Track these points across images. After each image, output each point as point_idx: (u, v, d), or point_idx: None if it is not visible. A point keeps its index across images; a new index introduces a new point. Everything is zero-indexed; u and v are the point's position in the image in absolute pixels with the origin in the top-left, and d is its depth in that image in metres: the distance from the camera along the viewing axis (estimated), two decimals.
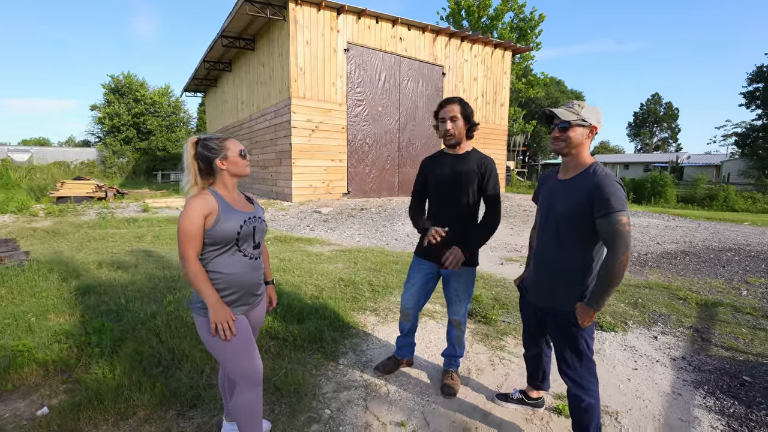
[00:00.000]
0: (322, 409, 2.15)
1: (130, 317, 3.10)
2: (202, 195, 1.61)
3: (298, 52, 10.21)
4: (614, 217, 1.52)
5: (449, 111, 2.19)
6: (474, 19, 23.91)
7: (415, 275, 2.41)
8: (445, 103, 2.23)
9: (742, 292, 4.31)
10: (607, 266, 1.55)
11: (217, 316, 1.56)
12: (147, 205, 9.31)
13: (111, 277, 4.12)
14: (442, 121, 2.23)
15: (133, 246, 5.73)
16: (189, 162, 1.63)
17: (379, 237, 6.94)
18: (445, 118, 2.20)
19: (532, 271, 1.90)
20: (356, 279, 4.29)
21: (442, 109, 2.23)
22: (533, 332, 2.02)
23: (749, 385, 2.49)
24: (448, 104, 2.21)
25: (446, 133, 2.22)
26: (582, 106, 1.67)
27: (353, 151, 11.61)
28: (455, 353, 2.44)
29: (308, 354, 2.72)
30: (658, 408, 2.25)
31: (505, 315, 3.53)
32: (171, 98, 30.24)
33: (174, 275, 4.21)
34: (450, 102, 2.21)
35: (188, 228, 1.55)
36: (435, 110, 2.30)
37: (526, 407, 2.20)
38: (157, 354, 2.59)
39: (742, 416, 2.19)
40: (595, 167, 1.64)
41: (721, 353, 2.91)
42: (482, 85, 14.58)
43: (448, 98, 2.25)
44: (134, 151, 26.64)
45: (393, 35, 11.99)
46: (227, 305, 1.64)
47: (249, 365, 1.65)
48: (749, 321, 3.50)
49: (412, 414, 2.14)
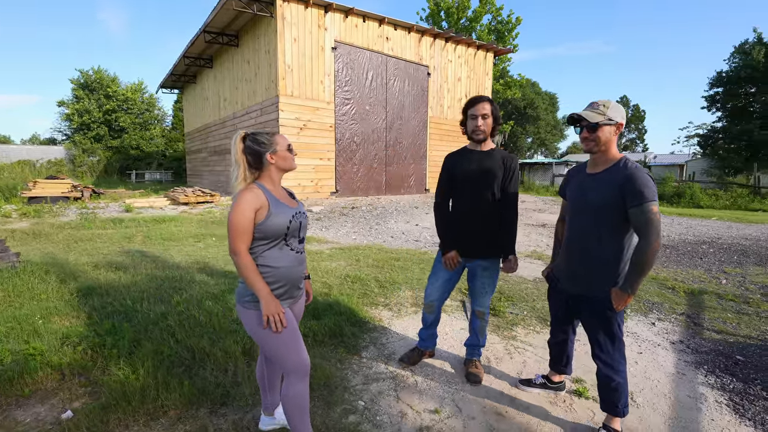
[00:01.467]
0: (355, 401, 2.19)
1: (141, 318, 3.03)
2: (252, 189, 1.62)
3: (285, 49, 10.10)
4: (647, 206, 1.64)
5: (481, 108, 2.28)
6: (453, 20, 24.25)
7: (440, 268, 2.47)
8: (477, 101, 2.31)
9: (722, 281, 4.63)
10: (640, 253, 1.67)
11: (269, 309, 1.58)
12: (129, 205, 8.98)
13: (110, 278, 3.99)
14: (472, 117, 2.30)
15: (124, 247, 5.54)
16: (238, 156, 1.63)
17: (374, 235, 6.98)
18: (476, 115, 2.28)
19: (564, 261, 2.00)
20: (362, 276, 4.33)
21: (474, 106, 2.30)
22: (562, 319, 2.14)
23: (743, 364, 2.71)
24: (480, 102, 2.30)
25: (476, 129, 2.29)
26: (607, 106, 1.78)
27: (341, 149, 11.59)
28: (478, 343, 2.53)
29: (330, 349, 2.75)
30: (667, 387, 2.42)
31: (512, 307, 3.66)
32: (144, 95, 29.11)
33: (176, 275, 4.12)
34: (482, 100, 2.30)
35: (240, 222, 1.56)
36: (464, 107, 2.38)
37: (549, 391, 2.32)
38: (177, 354, 2.56)
39: (741, 391, 2.38)
40: (626, 161, 1.76)
41: (714, 336, 3.13)
42: (466, 85, 14.85)
43: (478, 96, 2.33)
44: (106, 149, 25.49)
45: (380, 34, 12.04)
46: (277, 298, 1.66)
47: (298, 357, 1.68)
48: (733, 306, 3.78)
49: (443, 402, 2.22)
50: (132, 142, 26.51)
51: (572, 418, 2.11)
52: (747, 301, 3.92)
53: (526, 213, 10.18)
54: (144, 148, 26.96)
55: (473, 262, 2.40)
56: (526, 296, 3.95)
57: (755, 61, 23.78)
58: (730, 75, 25.76)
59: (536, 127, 47.99)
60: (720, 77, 26.39)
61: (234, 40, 12.25)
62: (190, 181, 19.27)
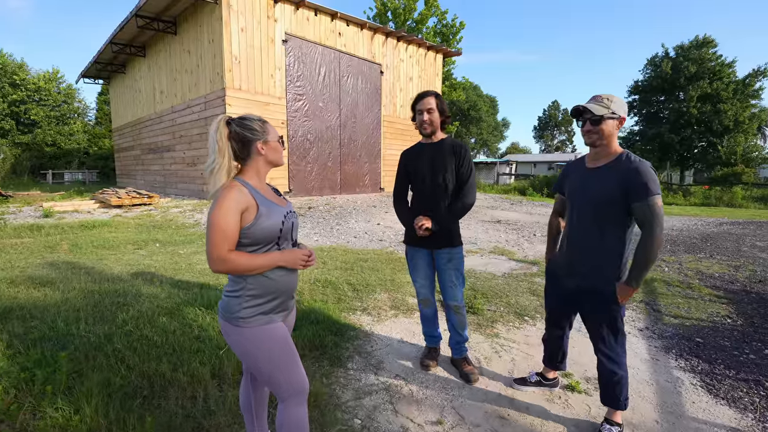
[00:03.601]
0: (350, 420, 1.99)
1: (78, 343, 2.55)
2: (237, 187, 1.36)
3: (232, 39, 9.42)
4: (652, 200, 1.64)
5: (426, 103, 2.35)
6: (400, 21, 24.49)
7: (418, 262, 2.49)
8: (422, 96, 2.37)
9: (665, 269, 5.06)
10: (645, 246, 1.67)
11: (293, 262, 1.42)
12: (49, 209, 7.80)
13: (32, 296, 3.35)
14: (419, 113, 2.37)
15: (46, 258, 4.74)
16: (222, 143, 1.36)
17: (337, 236, 6.73)
18: (422, 110, 2.35)
19: (564, 256, 1.97)
20: (332, 279, 4.09)
21: (420, 101, 2.38)
22: (559, 316, 2.11)
23: (703, 346, 2.92)
24: (425, 97, 2.36)
25: (423, 123, 2.36)
26: (611, 99, 1.77)
27: (294, 147, 11.11)
28: (461, 339, 2.51)
29: (311, 362, 2.51)
30: (647, 374, 2.52)
31: (488, 304, 3.66)
32: (61, 85, 25.78)
33: (118, 289, 3.58)
34: (427, 95, 2.36)
35: (226, 225, 1.30)
36: (412, 103, 2.44)
37: (544, 388, 2.30)
38: (130, 383, 2.17)
39: (708, 372, 2.55)
40: (628, 154, 1.76)
41: (672, 321, 3.36)
42: (417, 85, 15.00)
43: (424, 91, 2.40)
44: (13, 145, 22.15)
45: (332, 29, 11.72)
46: (267, 313, 1.43)
47: (297, 376, 1.45)
48: (680, 292, 4.11)
49: (444, 410, 2.10)
50: (47, 138, 23.31)
51: (571, 415, 2.10)
52: (690, 286, 4.30)
53: (480, 210, 10.49)
54: (62, 145, 23.85)
55: (436, 252, 2.42)
56: (499, 292, 3.98)
57: (664, 73, 26.91)
58: (644, 84, 28.94)
59: (479, 128, 50.31)
60: (636, 86, 29.54)
61: (171, 27, 11.20)
62: (121, 182, 17.39)
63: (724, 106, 25.14)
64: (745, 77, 25.72)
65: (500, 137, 59.90)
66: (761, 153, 27.56)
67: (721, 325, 3.30)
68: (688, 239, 7.10)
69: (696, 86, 25.71)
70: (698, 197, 16.89)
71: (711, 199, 16.38)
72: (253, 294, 1.40)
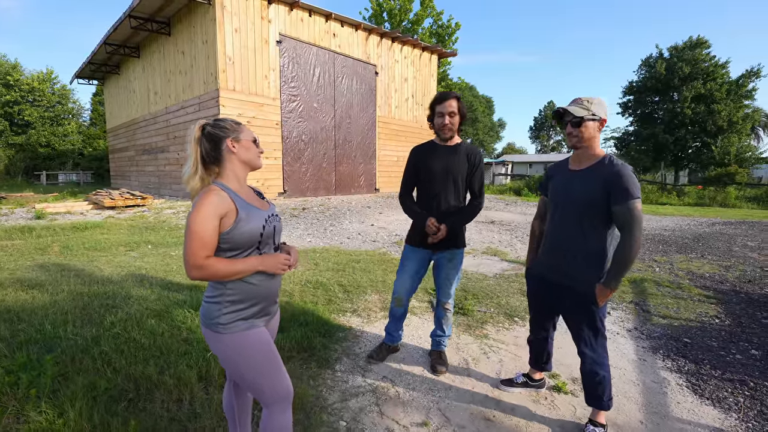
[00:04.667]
0: (336, 422, 1.99)
1: (65, 346, 2.54)
2: (216, 191, 1.35)
3: (226, 40, 9.40)
4: (632, 203, 1.65)
5: (449, 106, 2.29)
6: (396, 22, 24.52)
7: (408, 262, 2.50)
8: (445, 98, 2.30)
9: (655, 269, 5.10)
10: (623, 248, 1.68)
11: (273, 267, 1.41)
12: (41, 210, 7.75)
13: (20, 299, 3.33)
14: (439, 115, 2.32)
15: (37, 260, 4.72)
16: (192, 146, 1.36)
17: (330, 237, 6.72)
18: (443, 113, 2.30)
19: (546, 256, 1.99)
20: (323, 280, 4.09)
21: (441, 103, 2.31)
22: (543, 317, 2.12)
23: (690, 346, 2.94)
24: (448, 99, 2.29)
25: (444, 127, 2.32)
26: (591, 101, 1.78)
27: (289, 148, 11.09)
28: (443, 334, 2.56)
29: (299, 364, 2.51)
30: (634, 374, 2.54)
31: (479, 305, 3.67)
32: (55, 86, 25.62)
33: (107, 291, 3.56)
34: (449, 97, 2.29)
35: (204, 231, 1.29)
36: (431, 102, 2.39)
37: (530, 389, 2.31)
38: (116, 386, 2.16)
39: (694, 372, 2.57)
40: (610, 157, 1.77)
41: (661, 321, 3.39)
42: (412, 86, 15.03)
43: (446, 92, 2.33)
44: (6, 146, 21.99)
45: (327, 30, 11.72)
46: (248, 318, 1.42)
47: (281, 383, 1.45)
48: (670, 292, 4.14)
49: (429, 412, 2.10)
50: (41, 138, 23.16)
51: (557, 416, 2.11)
52: (680, 286, 4.33)
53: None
54: (56, 146, 23.70)
55: (438, 254, 2.44)
56: (490, 293, 4.00)
57: (658, 74, 27.08)
58: (639, 85, 29.10)
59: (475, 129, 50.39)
60: (631, 87, 29.70)
61: (165, 28, 11.16)
62: (115, 183, 17.31)
63: (717, 107, 25.34)
64: (739, 78, 25.93)
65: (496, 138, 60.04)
66: (754, 153, 27.78)
67: (709, 325, 3.33)
68: (680, 239, 7.15)
69: (690, 87, 25.90)
70: (692, 197, 16.98)
71: (705, 199, 16.47)
72: (232, 300, 1.39)
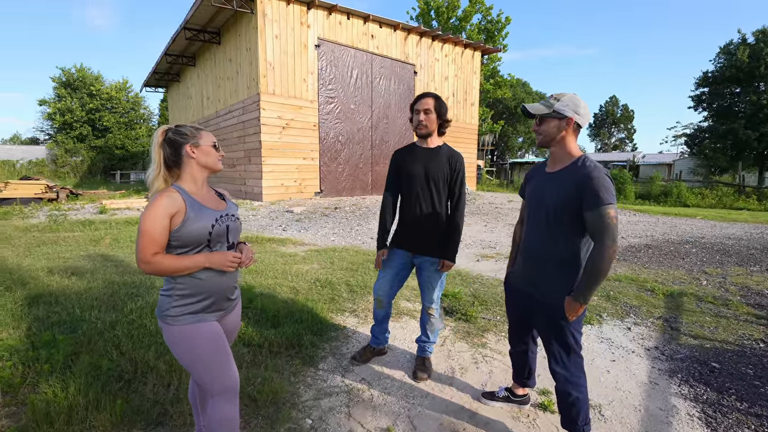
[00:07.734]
0: (302, 419, 2.03)
1: (86, 328, 2.83)
2: (168, 192, 1.44)
3: (267, 46, 9.88)
4: (603, 210, 1.50)
5: (424, 104, 2.32)
6: (443, 19, 24.17)
7: (387, 263, 2.48)
8: (421, 97, 2.35)
9: (702, 282, 4.55)
10: (593, 259, 1.53)
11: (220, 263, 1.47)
12: (104, 206, 8.70)
13: (63, 284, 3.77)
14: (416, 112, 2.35)
15: (89, 250, 5.30)
16: (155, 150, 1.46)
17: (354, 236, 6.81)
18: (419, 110, 2.33)
19: (520, 264, 1.86)
20: (333, 279, 4.16)
21: (418, 102, 2.35)
22: (520, 329, 2.00)
23: (718, 372, 2.59)
24: (424, 98, 2.34)
25: (419, 124, 2.33)
26: (558, 99, 1.65)
27: (325, 149, 11.40)
28: (428, 340, 2.51)
29: (285, 360, 2.58)
30: (638, 399, 2.29)
31: (485, 312, 3.52)
32: (129, 94, 28.57)
33: (135, 281, 3.91)
34: (426, 96, 2.34)
35: (152, 229, 1.38)
36: (411, 104, 2.41)
37: (512, 405, 2.17)
38: (117, 367, 2.37)
39: (714, 402, 2.26)
40: (584, 159, 1.62)
41: (690, 341, 3.02)
42: (453, 84, 14.74)
43: (424, 92, 2.38)
44: (89, 149, 24.94)
45: (364, 32, 11.87)
46: (197, 312, 1.50)
47: (224, 375, 1.51)
48: (711, 309, 3.68)
49: (398, 418, 2.06)
50: (116, 141, 26.00)
51: None
52: (726, 303, 3.83)
53: (512, 213, 10.08)
54: (129, 148, 26.47)
55: (420, 257, 2.39)
56: (500, 300, 3.82)
57: (739, 62, 24.03)
58: (716, 75, 26.01)
59: (527, 126, 48.16)
60: (706, 77, 26.62)
61: (216, 38, 11.99)
62: None
63: None
64: None
65: None
66: None
67: (750, 349, 2.91)
68: (745, 249, 6.30)
69: None
70: None
71: None
72: (182, 294, 1.48)
